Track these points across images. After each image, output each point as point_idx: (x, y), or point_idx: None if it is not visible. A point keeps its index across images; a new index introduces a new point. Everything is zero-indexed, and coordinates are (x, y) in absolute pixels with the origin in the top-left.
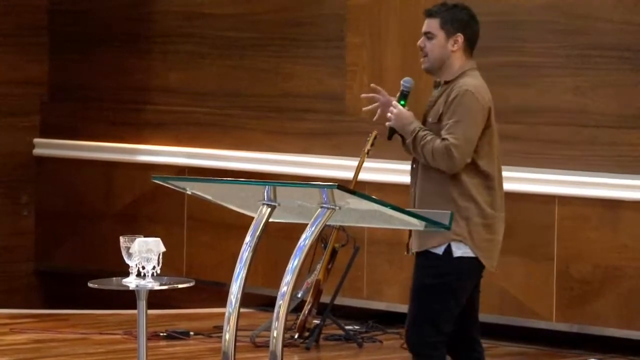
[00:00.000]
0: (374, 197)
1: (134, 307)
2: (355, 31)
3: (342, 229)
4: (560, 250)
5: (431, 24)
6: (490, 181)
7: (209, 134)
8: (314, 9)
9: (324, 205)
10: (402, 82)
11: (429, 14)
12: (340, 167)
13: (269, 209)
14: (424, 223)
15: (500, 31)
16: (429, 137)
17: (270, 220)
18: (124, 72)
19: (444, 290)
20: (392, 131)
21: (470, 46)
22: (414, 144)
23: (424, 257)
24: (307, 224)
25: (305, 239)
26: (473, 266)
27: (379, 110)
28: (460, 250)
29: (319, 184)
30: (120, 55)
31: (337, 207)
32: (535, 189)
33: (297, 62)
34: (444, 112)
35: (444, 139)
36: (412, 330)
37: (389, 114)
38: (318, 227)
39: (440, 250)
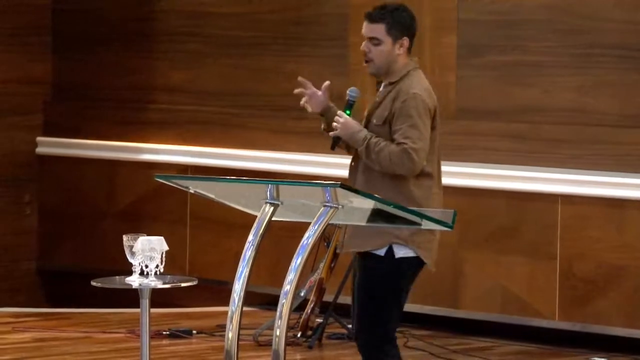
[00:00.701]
0: (376, 195)
1: (137, 305)
2: (358, 30)
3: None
4: (563, 249)
5: (376, 30)
6: (431, 181)
7: (212, 133)
8: (316, 8)
9: (327, 204)
10: (348, 91)
11: (373, 19)
12: (343, 165)
13: (272, 208)
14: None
15: (502, 30)
16: (382, 143)
17: (273, 218)
18: (127, 71)
19: (388, 291)
20: (336, 140)
21: (411, 45)
22: (367, 152)
23: (366, 259)
24: (310, 223)
25: (308, 238)
26: (414, 266)
27: (307, 103)
28: (401, 251)
29: (322, 183)
30: (123, 54)
31: (340, 206)
32: (538, 188)
33: (300, 61)
34: (391, 116)
35: (400, 144)
36: (361, 336)
37: (334, 124)
38: (321, 226)
39: (382, 252)
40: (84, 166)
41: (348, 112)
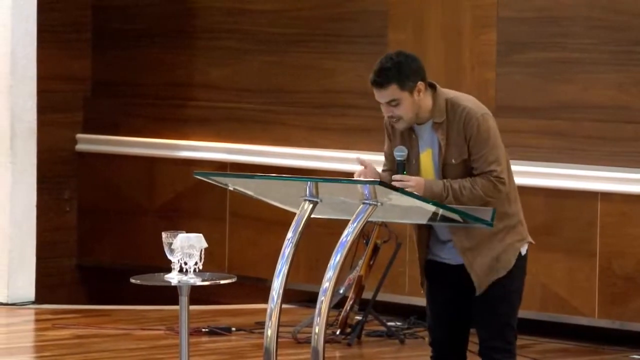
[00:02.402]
0: (415, 193)
1: (176, 302)
2: (397, 27)
3: (384, 225)
4: (602, 246)
5: (390, 93)
6: (512, 175)
7: (251, 130)
8: (356, 5)
9: (366, 201)
10: (395, 151)
11: (381, 84)
12: (382, 163)
13: (311, 205)
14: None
15: (542, 27)
16: (467, 183)
17: (312, 216)
18: (166, 68)
19: (516, 293)
20: None
21: (426, 80)
22: (455, 197)
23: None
24: (349, 220)
25: (347, 235)
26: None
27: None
28: (524, 249)
29: (361, 180)
30: (162, 51)
31: (379, 203)
32: (578, 186)
33: (339, 58)
34: (469, 145)
35: (487, 172)
36: (491, 343)
37: (408, 190)
38: (360, 223)
39: None
40: (123, 163)
41: (404, 172)
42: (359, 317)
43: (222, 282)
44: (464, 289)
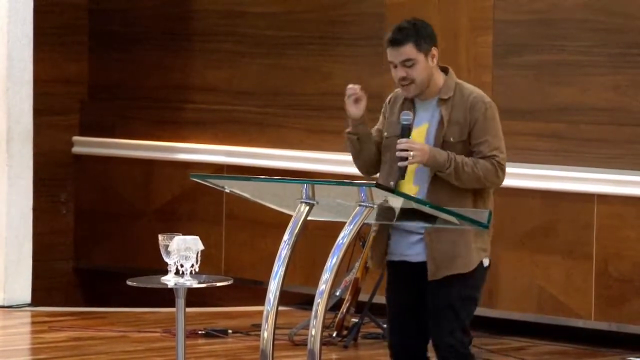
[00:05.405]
0: (412, 195)
1: (173, 305)
2: None
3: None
4: (599, 248)
5: (406, 51)
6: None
7: (248, 132)
8: (353, 7)
9: (362, 203)
10: (402, 115)
11: (398, 42)
12: None
13: (307, 207)
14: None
15: (539, 30)
16: (469, 161)
17: (309, 218)
18: (164, 71)
19: (474, 300)
20: (404, 170)
21: (438, 49)
22: (456, 171)
23: (457, 277)
24: (345, 222)
25: (344, 237)
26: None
27: (354, 103)
28: (487, 261)
29: (357, 182)
30: (159, 54)
31: (375, 205)
32: (574, 188)
33: (337, 61)
34: (473, 129)
35: (489, 157)
36: (448, 347)
37: (411, 153)
38: (356, 225)
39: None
40: (120, 166)
41: (409, 137)
42: (355, 320)
43: (219, 284)
44: (423, 292)
